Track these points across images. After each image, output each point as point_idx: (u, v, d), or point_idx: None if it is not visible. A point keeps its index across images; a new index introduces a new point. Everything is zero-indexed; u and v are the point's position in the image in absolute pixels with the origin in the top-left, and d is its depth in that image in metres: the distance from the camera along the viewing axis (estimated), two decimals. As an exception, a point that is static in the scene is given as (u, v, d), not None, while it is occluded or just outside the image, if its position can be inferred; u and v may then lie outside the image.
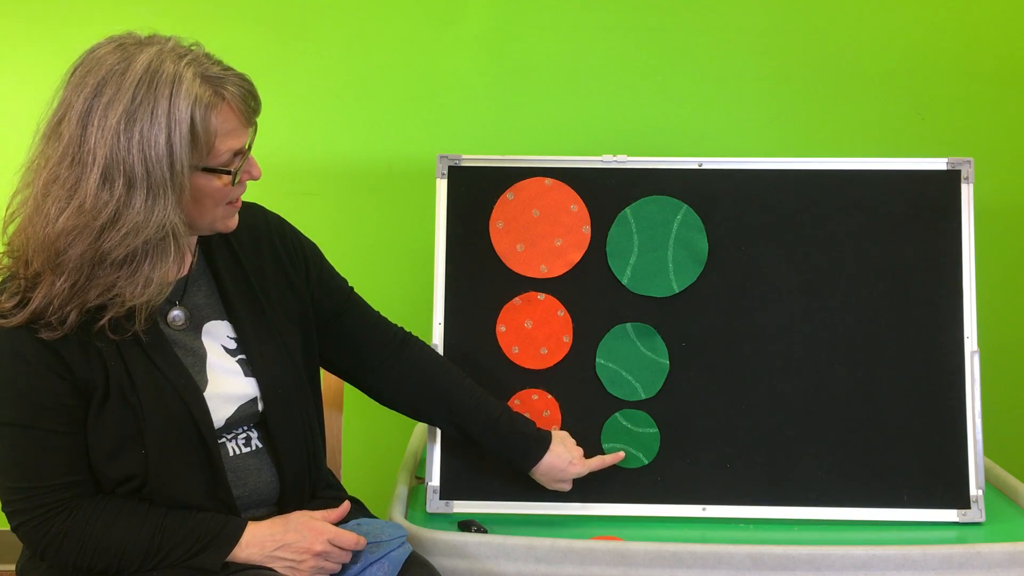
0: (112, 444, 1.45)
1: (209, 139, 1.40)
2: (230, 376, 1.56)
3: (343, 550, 1.51)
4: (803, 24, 2.44)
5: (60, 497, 1.44)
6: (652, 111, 2.46)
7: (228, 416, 1.54)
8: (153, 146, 1.35)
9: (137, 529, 1.45)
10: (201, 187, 1.44)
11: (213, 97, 1.40)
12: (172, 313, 1.53)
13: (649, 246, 1.95)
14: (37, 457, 1.44)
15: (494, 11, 2.44)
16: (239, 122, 1.44)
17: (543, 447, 1.81)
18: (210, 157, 1.42)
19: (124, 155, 1.35)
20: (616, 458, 1.89)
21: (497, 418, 1.80)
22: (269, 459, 1.58)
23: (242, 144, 1.46)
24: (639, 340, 1.94)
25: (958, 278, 1.93)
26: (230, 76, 1.44)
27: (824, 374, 1.93)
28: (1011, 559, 1.70)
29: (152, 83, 1.36)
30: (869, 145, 2.46)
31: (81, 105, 1.37)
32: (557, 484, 1.85)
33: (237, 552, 1.48)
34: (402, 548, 1.56)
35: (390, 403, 1.83)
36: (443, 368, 1.83)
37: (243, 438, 1.57)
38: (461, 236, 1.96)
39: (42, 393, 1.42)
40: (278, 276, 1.66)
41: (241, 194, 1.53)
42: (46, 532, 1.44)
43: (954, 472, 1.90)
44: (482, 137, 2.46)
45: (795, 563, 1.70)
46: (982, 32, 2.44)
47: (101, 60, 1.38)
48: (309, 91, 2.46)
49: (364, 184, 2.48)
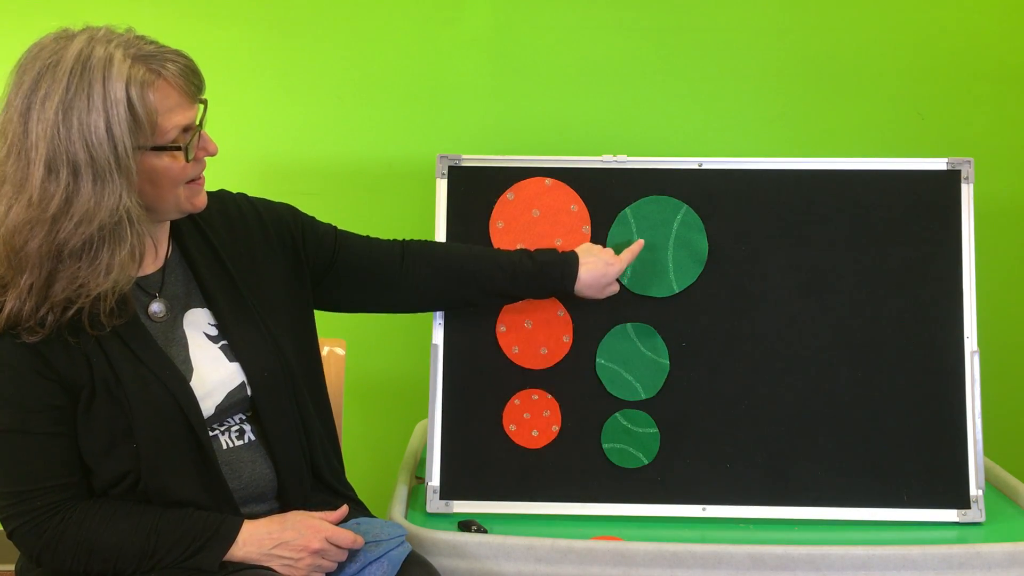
0: (104, 442, 1.45)
1: (151, 118, 1.39)
2: (214, 363, 1.55)
3: (340, 549, 1.51)
4: (803, 24, 2.44)
5: (53, 500, 1.44)
6: (652, 111, 2.46)
7: (218, 403, 1.54)
8: (93, 131, 1.35)
9: (132, 530, 1.45)
10: (154, 167, 1.43)
11: (148, 75, 1.39)
12: (152, 307, 1.53)
13: (649, 246, 1.95)
14: (29, 461, 1.44)
15: (494, 11, 2.44)
16: (181, 98, 1.43)
17: (575, 262, 1.86)
18: (156, 136, 1.41)
19: (66, 145, 1.35)
20: (639, 245, 1.92)
21: (522, 263, 1.85)
22: (263, 451, 1.58)
23: (189, 120, 1.44)
24: (639, 340, 1.95)
25: (958, 278, 1.93)
26: (166, 53, 1.42)
27: (824, 374, 1.93)
28: (1011, 559, 1.70)
29: (84, 69, 1.36)
30: (869, 145, 2.46)
31: (20, 103, 1.37)
32: (607, 289, 1.90)
33: (234, 551, 1.47)
34: (401, 547, 1.56)
35: (427, 307, 1.89)
36: (451, 251, 1.87)
37: (236, 430, 1.57)
38: (461, 236, 1.96)
39: (29, 396, 1.43)
40: (265, 256, 1.65)
41: (200, 171, 1.51)
42: (40, 535, 1.44)
43: (954, 472, 1.90)
44: (482, 137, 2.46)
45: (795, 563, 1.70)
46: (982, 32, 2.44)
47: (36, 56, 1.39)
48: (309, 91, 2.46)
49: (364, 184, 2.48)
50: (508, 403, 1.94)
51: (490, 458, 1.92)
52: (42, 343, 1.42)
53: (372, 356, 2.44)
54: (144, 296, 1.53)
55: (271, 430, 1.58)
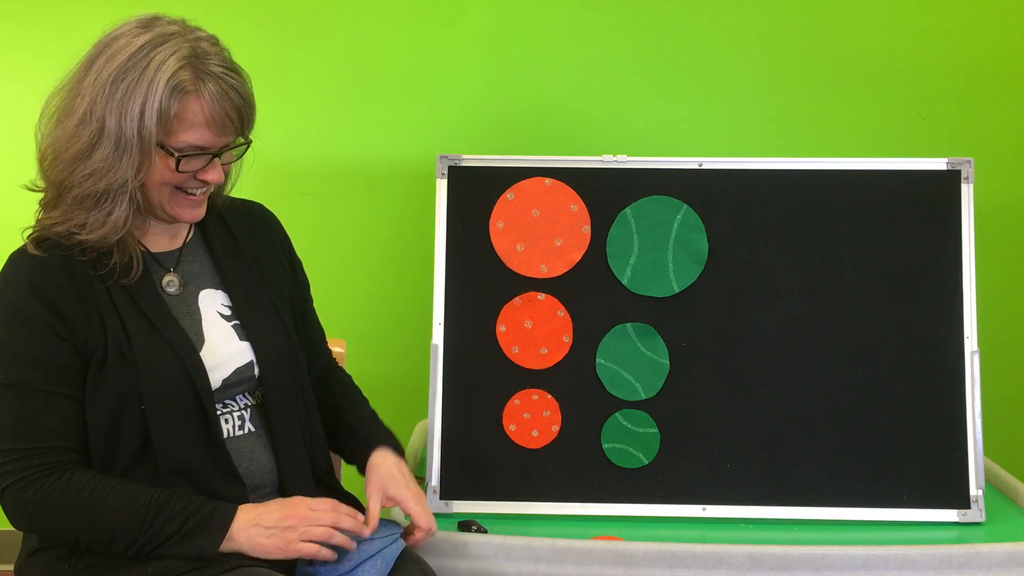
0: (113, 404, 1.46)
1: (171, 121, 1.46)
2: (226, 338, 1.57)
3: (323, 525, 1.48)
4: (803, 24, 2.44)
5: (53, 460, 1.44)
6: (652, 111, 2.46)
7: (225, 377, 1.55)
8: (130, 107, 1.44)
9: (128, 500, 1.43)
10: (155, 163, 1.48)
11: (190, 84, 1.45)
12: (166, 279, 1.56)
13: (649, 246, 1.95)
14: (34, 419, 1.44)
15: (494, 11, 2.44)
16: (204, 120, 1.47)
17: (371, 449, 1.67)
18: (168, 137, 1.47)
19: (104, 106, 1.44)
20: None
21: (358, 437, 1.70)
22: (265, 441, 1.58)
23: (203, 141, 1.48)
24: (639, 340, 1.95)
25: (958, 278, 1.93)
26: (221, 76, 1.47)
27: (824, 374, 1.93)
28: (1011, 559, 1.70)
29: (150, 52, 1.44)
30: (869, 145, 2.46)
31: (92, 52, 1.48)
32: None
33: (236, 532, 1.45)
34: (395, 545, 1.56)
35: None
36: (339, 403, 1.76)
37: (238, 416, 1.57)
38: (461, 236, 1.96)
39: (43, 353, 1.44)
40: (274, 261, 1.68)
41: (195, 189, 1.53)
42: (36, 492, 1.42)
43: (954, 472, 1.90)
44: (482, 137, 2.46)
45: (795, 563, 1.70)
46: (982, 32, 2.44)
47: (124, 27, 1.49)
48: (309, 91, 2.46)
49: (364, 184, 2.48)
50: (508, 403, 1.94)
51: (490, 458, 1.92)
52: (61, 301, 1.45)
53: (372, 356, 2.44)
54: (159, 269, 1.56)
55: (276, 415, 1.58)
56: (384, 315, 2.49)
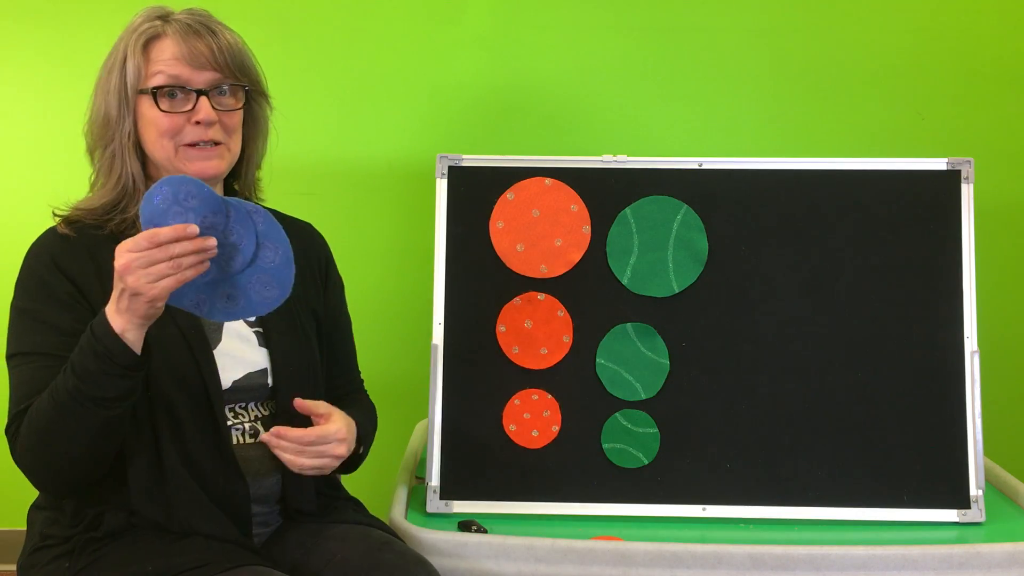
0: None
1: (147, 65, 1.52)
2: (244, 341, 1.58)
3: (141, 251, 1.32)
4: (803, 24, 2.44)
5: None
6: (652, 111, 2.47)
7: (236, 379, 1.55)
8: (115, 69, 1.54)
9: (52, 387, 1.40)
10: (143, 113, 1.53)
11: (159, 29, 1.53)
12: None
13: (649, 246, 1.95)
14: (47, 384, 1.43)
15: (494, 11, 2.44)
16: (173, 55, 1.52)
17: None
18: (146, 81, 1.52)
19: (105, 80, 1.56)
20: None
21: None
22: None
23: (176, 74, 1.52)
24: (639, 340, 1.95)
25: (958, 278, 1.93)
26: (190, 18, 1.54)
27: (824, 374, 1.93)
28: (1011, 559, 1.70)
29: (132, 22, 1.56)
30: (869, 145, 2.46)
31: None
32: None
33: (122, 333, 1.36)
34: (263, 218, 1.38)
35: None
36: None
37: (250, 426, 1.57)
38: (461, 236, 1.96)
39: (66, 322, 1.47)
40: (306, 275, 1.68)
41: (194, 137, 1.54)
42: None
43: (954, 472, 1.90)
44: (482, 137, 2.46)
45: (795, 563, 1.70)
46: (982, 32, 2.44)
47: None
48: (309, 91, 2.46)
49: (364, 184, 2.49)
50: (508, 403, 1.94)
51: (490, 458, 1.92)
52: (81, 277, 1.49)
53: (372, 356, 2.43)
54: None
55: (285, 423, 1.57)
56: (384, 315, 2.49)
